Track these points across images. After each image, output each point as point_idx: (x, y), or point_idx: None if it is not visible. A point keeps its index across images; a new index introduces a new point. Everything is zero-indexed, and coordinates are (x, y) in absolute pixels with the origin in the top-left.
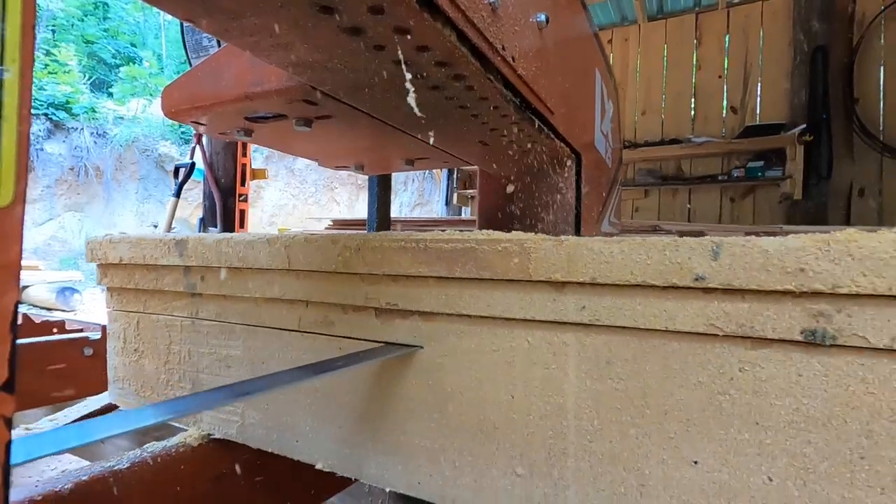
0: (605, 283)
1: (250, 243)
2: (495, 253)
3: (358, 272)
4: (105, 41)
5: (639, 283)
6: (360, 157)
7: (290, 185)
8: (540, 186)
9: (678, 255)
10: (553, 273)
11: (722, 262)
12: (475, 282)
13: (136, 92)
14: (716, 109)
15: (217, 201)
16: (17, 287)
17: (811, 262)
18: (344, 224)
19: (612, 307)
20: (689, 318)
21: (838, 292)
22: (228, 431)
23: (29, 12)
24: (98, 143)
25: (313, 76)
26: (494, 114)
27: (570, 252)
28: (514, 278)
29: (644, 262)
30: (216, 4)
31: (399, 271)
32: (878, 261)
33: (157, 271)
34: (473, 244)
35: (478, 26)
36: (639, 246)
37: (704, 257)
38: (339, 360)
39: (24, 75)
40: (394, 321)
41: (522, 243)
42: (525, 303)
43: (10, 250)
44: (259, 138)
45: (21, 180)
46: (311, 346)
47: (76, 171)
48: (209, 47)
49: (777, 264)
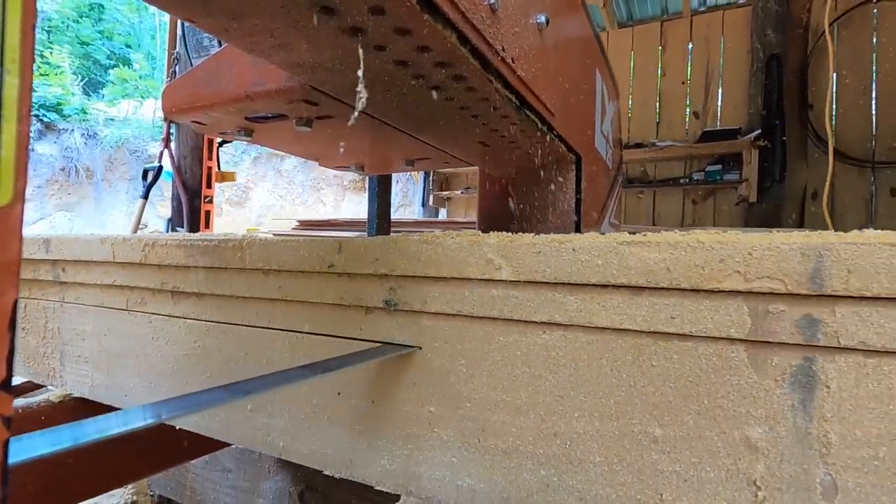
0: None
1: (88, 242)
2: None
3: (155, 263)
4: (100, 42)
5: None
6: (361, 158)
7: (278, 185)
8: (540, 187)
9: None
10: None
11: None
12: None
13: (127, 93)
14: (679, 114)
15: (184, 202)
16: (16, 286)
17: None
18: (309, 224)
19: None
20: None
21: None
22: (82, 391)
23: (29, 12)
24: (88, 144)
25: (314, 76)
26: (494, 115)
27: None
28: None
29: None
30: (217, 4)
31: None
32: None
33: (35, 264)
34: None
35: (478, 27)
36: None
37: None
38: (333, 361)
39: (24, 75)
40: (183, 301)
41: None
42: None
43: (10, 249)
44: (260, 138)
45: (20, 179)
46: (136, 321)
47: (67, 172)
48: (210, 47)
49: (366, 255)
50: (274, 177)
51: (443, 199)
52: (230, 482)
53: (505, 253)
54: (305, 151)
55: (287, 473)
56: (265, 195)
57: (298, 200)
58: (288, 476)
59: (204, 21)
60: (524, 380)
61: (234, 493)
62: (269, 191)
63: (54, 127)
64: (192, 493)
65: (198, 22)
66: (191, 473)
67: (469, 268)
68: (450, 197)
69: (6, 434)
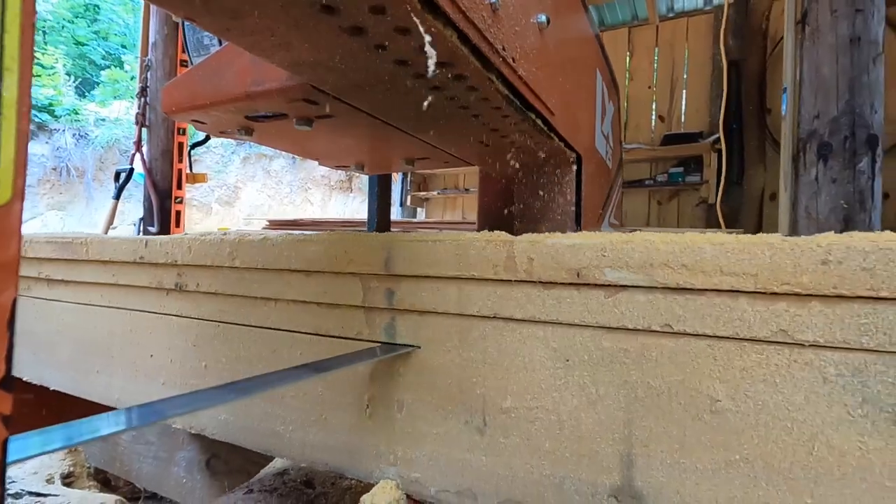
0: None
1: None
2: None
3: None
4: (95, 43)
5: None
6: (361, 157)
7: (266, 185)
8: (540, 187)
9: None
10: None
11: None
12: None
13: (118, 94)
14: (646, 118)
15: (154, 203)
16: (16, 284)
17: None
18: (278, 224)
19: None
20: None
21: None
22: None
23: (28, 12)
24: (79, 145)
25: (314, 76)
26: (495, 114)
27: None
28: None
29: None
30: (218, 3)
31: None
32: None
33: None
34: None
35: (479, 27)
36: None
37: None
38: (332, 361)
39: (24, 74)
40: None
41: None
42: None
43: (9, 247)
44: (260, 137)
45: (19, 178)
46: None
47: (58, 172)
48: (210, 46)
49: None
50: (263, 177)
51: (421, 200)
52: (152, 453)
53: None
54: (305, 150)
55: (197, 444)
56: (254, 195)
57: (287, 200)
58: (197, 446)
59: (205, 20)
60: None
61: (156, 462)
62: (259, 190)
63: (46, 127)
64: (122, 464)
65: (199, 21)
66: (120, 447)
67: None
68: (427, 198)
69: (5, 433)
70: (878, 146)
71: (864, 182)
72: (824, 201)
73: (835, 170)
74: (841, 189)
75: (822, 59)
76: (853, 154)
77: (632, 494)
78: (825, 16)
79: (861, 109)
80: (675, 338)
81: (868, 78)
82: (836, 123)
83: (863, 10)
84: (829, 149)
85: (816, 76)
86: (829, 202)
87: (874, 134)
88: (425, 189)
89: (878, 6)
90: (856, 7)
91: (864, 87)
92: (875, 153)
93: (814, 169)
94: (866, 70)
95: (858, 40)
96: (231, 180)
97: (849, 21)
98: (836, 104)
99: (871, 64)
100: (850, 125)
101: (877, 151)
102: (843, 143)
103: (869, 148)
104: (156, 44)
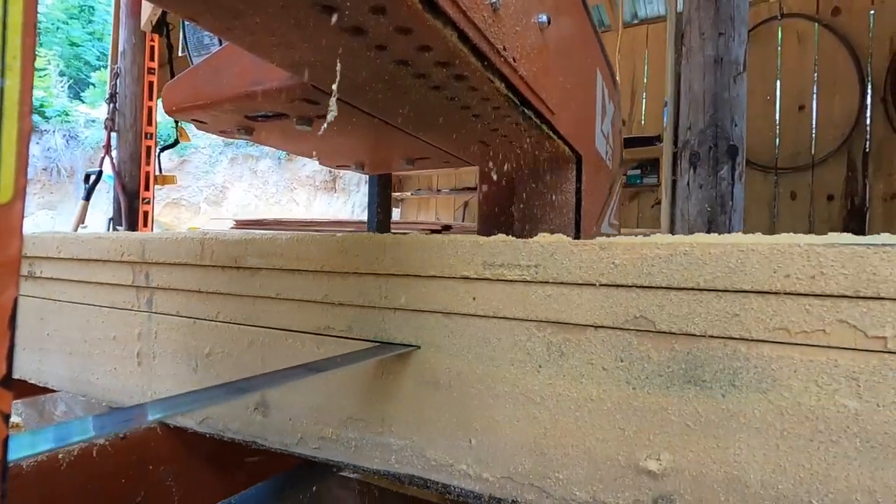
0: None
1: None
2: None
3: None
4: (90, 44)
5: None
6: (361, 156)
7: (253, 185)
8: (540, 187)
9: None
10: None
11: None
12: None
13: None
14: None
15: (123, 204)
16: (17, 283)
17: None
18: (244, 224)
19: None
20: None
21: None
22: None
23: (30, 11)
24: (70, 145)
25: (314, 75)
26: (495, 114)
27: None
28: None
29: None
30: (219, 2)
31: None
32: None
33: None
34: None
35: (479, 26)
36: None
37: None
38: (336, 359)
39: (25, 73)
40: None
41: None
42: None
43: (10, 247)
44: (260, 137)
45: (21, 177)
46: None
47: (49, 172)
48: (210, 45)
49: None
50: (250, 177)
51: (396, 200)
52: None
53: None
54: (306, 150)
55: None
56: (241, 195)
57: (273, 200)
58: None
59: (205, 19)
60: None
61: None
62: (245, 190)
63: (37, 128)
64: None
65: (199, 20)
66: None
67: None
68: (402, 198)
69: (5, 431)
70: (738, 155)
71: (724, 187)
72: (693, 204)
73: (702, 176)
74: (706, 194)
75: (693, 77)
76: (716, 162)
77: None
78: (696, 37)
79: (723, 123)
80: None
81: (729, 94)
82: (704, 135)
83: (724, 34)
84: (698, 157)
85: (689, 92)
86: (696, 205)
87: (734, 144)
88: (400, 190)
89: (739, 30)
90: (719, 31)
91: (726, 103)
92: (735, 162)
93: (686, 175)
94: (727, 87)
95: (721, 60)
96: (219, 180)
97: (713, 42)
98: (703, 117)
99: (731, 82)
100: (713, 136)
101: (737, 160)
102: (708, 152)
103: (730, 157)
104: (124, 52)
